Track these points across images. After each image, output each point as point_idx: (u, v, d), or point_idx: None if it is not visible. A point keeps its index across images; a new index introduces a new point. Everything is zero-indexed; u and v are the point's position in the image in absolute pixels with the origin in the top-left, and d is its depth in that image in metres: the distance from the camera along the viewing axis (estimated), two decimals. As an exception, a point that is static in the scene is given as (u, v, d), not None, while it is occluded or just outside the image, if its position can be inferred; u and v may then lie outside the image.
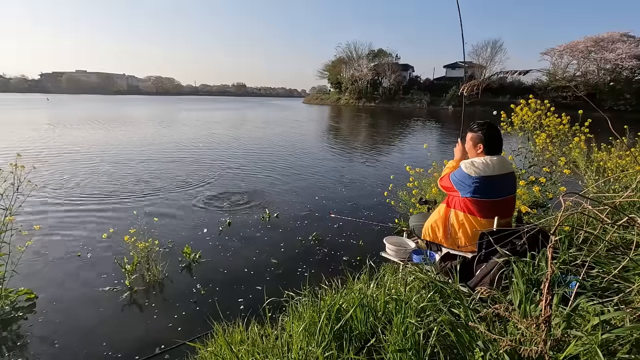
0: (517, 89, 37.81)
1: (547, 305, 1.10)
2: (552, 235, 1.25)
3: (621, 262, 1.60)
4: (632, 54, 34.80)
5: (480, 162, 2.13)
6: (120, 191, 6.23)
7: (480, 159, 2.15)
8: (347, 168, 8.91)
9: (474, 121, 2.29)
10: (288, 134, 16.36)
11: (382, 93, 49.25)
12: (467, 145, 2.30)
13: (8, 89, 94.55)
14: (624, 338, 1.18)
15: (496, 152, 2.19)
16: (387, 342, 1.40)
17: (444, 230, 2.32)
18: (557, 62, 41.01)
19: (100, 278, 3.38)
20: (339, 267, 3.48)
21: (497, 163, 2.13)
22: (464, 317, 1.41)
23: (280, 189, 6.61)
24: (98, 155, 9.70)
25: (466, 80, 2.79)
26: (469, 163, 2.15)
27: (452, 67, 52.05)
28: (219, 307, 2.54)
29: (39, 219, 4.73)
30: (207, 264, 3.69)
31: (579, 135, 3.99)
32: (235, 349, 1.69)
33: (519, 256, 1.71)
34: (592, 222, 2.27)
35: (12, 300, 2.86)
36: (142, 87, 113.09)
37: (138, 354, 2.41)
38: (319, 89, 77.39)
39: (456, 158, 2.56)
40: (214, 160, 9.34)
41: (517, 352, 1.13)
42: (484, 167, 2.10)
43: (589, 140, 4.20)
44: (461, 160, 2.48)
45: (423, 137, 16.77)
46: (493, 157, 2.15)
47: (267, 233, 4.52)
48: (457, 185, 2.18)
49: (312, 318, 1.63)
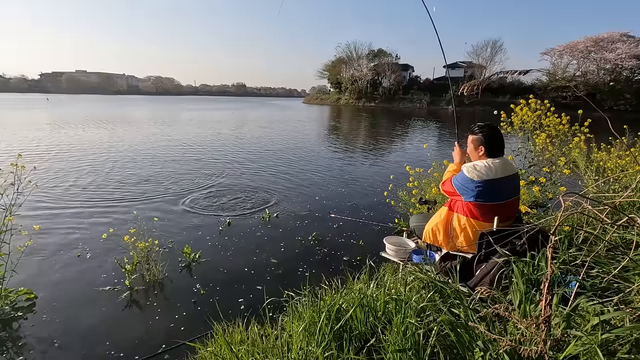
0: (517, 89, 37.80)
1: (547, 305, 1.10)
2: (552, 235, 1.25)
3: (621, 262, 1.60)
4: (632, 54, 34.80)
5: (483, 165, 2.10)
6: (120, 191, 6.23)
7: (482, 162, 2.12)
8: (347, 168, 8.91)
9: (475, 123, 2.27)
10: (290, 134, 16.37)
11: (382, 93, 49.26)
12: (469, 148, 2.28)
13: (8, 88, 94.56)
14: (624, 338, 1.18)
15: (498, 153, 2.17)
16: (387, 342, 1.40)
17: (444, 233, 2.29)
18: (557, 62, 41.07)
19: (100, 278, 3.38)
20: (339, 267, 3.48)
21: (499, 166, 2.10)
22: (464, 317, 1.41)
23: (280, 189, 6.61)
24: (98, 155, 9.70)
25: (466, 81, 2.79)
26: (471, 167, 2.11)
27: (452, 67, 52.06)
28: (219, 307, 2.54)
29: (39, 219, 4.73)
30: (207, 264, 3.69)
31: (579, 135, 3.99)
32: (235, 349, 1.69)
33: (519, 256, 1.71)
34: (592, 222, 2.27)
35: (12, 300, 2.86)
36: (142, 87, 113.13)
37: (138, 353, 2.41)
38: (318, 89, 77.40)
39: (456, 161, 2.53)
40: (214, 160, 9.34)
41: (517, 352, 1.13)
42: (487, 170, 2.07)
43: (588, 140, 4.20)
44: (461, 163, 2.47)
45: (423, 137, 16.78)
46: (495, 160, 2.12)
47: (267, 233, 4.52)
48: (460, 190, 2.16)
49: (312, 318, 1.63)
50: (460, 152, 2.54)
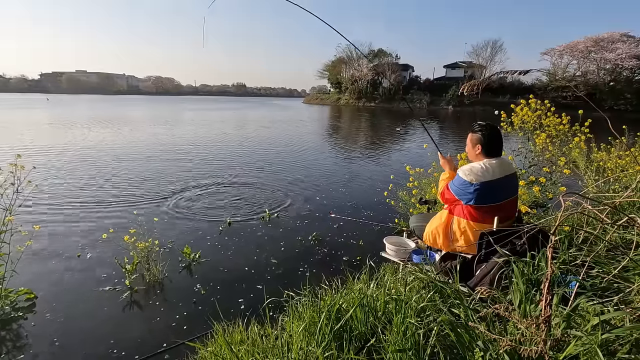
0: (517, 89, 37.79)
1: (547, 305, 1.10)
2: (552, 235, 1.25)
3: (621, 262, 1.61)
4: (632, 54, 34.81)
5: (479, 167, 2.09)
6: (120, 191, 6.23)
7: (478, 164, 2.12)
8: (347, 168, 8.91)
9: (476, 122, 2.27)
10: (291, 133, 16.38)
11: (382, 93, 49.25)
12: (467, 146, 2.28)
13: (8, 89, 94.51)
14: (624, 338, 1.19)
15: (495, 154, 2.17)
16: (387, 342, 1.40)
17: (444, 236, 2.29)
18: (557, 62, 41.05)
19: (100, 278, 3.37)
20: (339, 267, 3.48)
21: (496, 166, 2.10)
22: (464, 317, 1.41)
23: (280, 189, 6.61)
24: (99, 154, 9.70)
25: (466, 81, 2.78)
26: (468, 169, 2.11)
27: (452, 67, 52.03)
28: (219, 307, 2.53)
29: (39, 219, 4.73)
30: (207, 264, 3.69)
31: (579, 135, 3.99)
32: (235, 349, 1.69)
33: (519, 256, 1.71)
34: (592, 222, 2.27)
35: (12, 300, 2.86)
36: (142, 87, 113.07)
37: (138, 353, 2.41)
38: (319, 89, 77.35)
39: (447, 170, 2.53)
40: (214, 160, 9.34)
41: (517, 352, 1.13)
42: (484, 172, 2.07)
43: (588, 140, 4.20)
44: (451, 170, 2.48)
45: (423, 137, 16.77)
46: (492, 160, 2.12)
47: (267, 233, 4.52)
48: (459, 195, 2.16)
49: (312, 318, 1.63)
50: (446, 160, 2.56)
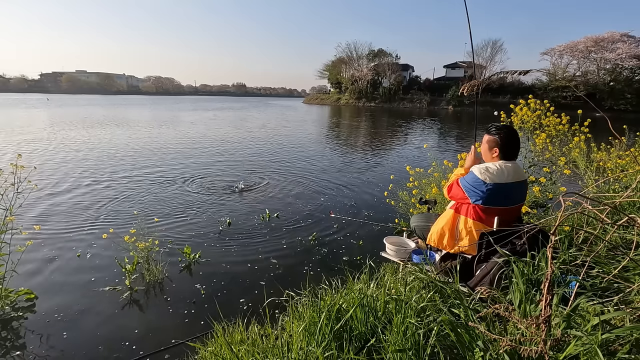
0: (517, 89, 37.84)
1: (547, 305, 1.10)
2: (552, 235, 1.25)
3: (621, 262, 1.60)
4: (632, 54, 34.84)
5: (495, 168, 2.07)
6: (120, 191, 6.23)
7: (495, 165, 2.09)
8: (347, 168, 8.90)
9: (492, 123, 2.23)
10: (292, 133, 16.36)
11: (382, 93, 49.28)
12: (483, 147, 2.24)
13: (8, 89, 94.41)
14: (624, 338, 1.19)
15: (512, 157, 2.14)
16: (387, 342, 1.40)
17: (450, 237, 2.26)
18: (557, 62, 41.09)
19: (101, 278, 3.37)
20: (339, 267, 3.48)
21: (511, 170, 2.08)
22: (464, 317, 1.41)
23: (281, 189, 6.61)
24: (99, 154, 9.69)
25: (466, 80, 2.78)
26: (484, 168, 2.08)
27: (452, 67, 52.06)
28: (219, 307, 2.54)
29: (39, 219, 4.73)
30: (207, 264, 3.69)
31: (579, 135, 3.99)
32: (235, 349, 1.69)
33: (519, 256, 1.71)
34: (592, 222, 2.26)
35: (12, 300, 2.86)
36: (142, 87, 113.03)
37: (138, 353, 2.41)
38: (319, 89, 77.47)
39: (466, 166, 2.48)
40: (213, 160, 9.34)
41: (517, 352, 1.13)
42: (499, 173, 2.05)
43: (588, 140, 4.20)
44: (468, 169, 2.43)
45: (423, 137, 16.77)
46: (508, 164, 2.10)
47: (267, 233, 4.52)
48: (468, 192, 2.12)
49: (312, 318, 1.63)
50: (474, 159, 2.45)
